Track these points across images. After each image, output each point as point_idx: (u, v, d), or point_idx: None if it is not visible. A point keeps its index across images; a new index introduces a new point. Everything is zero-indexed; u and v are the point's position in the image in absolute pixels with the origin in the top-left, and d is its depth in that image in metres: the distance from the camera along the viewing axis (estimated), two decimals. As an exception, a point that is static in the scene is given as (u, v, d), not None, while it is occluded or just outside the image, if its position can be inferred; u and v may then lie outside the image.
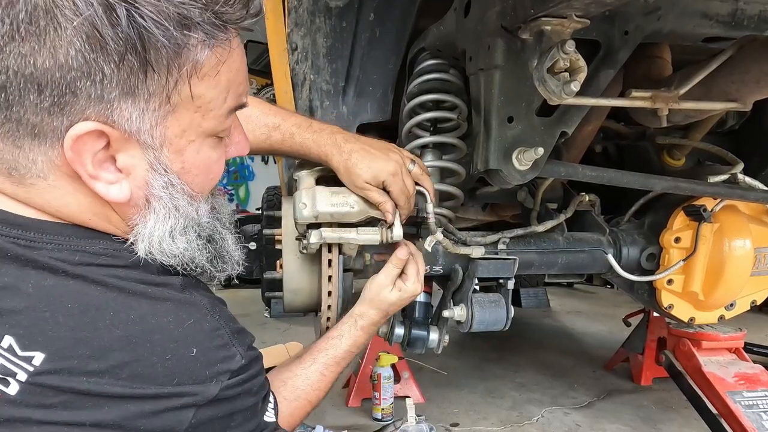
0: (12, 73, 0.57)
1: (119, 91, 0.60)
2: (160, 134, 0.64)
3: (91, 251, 0.66)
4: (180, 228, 0.71)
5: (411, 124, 1.41)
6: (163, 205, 0.68)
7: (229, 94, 0.68)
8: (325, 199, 1.14)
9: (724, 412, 1.68)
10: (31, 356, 0.60)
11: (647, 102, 1.15)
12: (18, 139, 0.61)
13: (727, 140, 1.89)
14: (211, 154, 0.71)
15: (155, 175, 0.66)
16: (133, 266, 0.68)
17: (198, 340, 0.69)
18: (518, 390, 2.55)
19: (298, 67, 1.51)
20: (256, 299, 4.24)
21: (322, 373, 1.04)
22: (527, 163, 1.16)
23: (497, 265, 1.40)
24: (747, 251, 1.58)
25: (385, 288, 1.13)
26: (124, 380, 0.63)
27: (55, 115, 0.59)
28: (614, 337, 3.27)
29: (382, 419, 2.20)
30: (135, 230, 0.69)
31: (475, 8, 1.15)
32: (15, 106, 0.58)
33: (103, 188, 0.64)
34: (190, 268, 0.74)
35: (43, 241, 0.64)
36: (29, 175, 0.63)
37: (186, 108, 0.65)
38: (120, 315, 0.64)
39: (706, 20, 1.13)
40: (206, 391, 0.68)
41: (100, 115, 0.60)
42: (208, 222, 0.76)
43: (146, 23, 0.57)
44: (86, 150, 0.61)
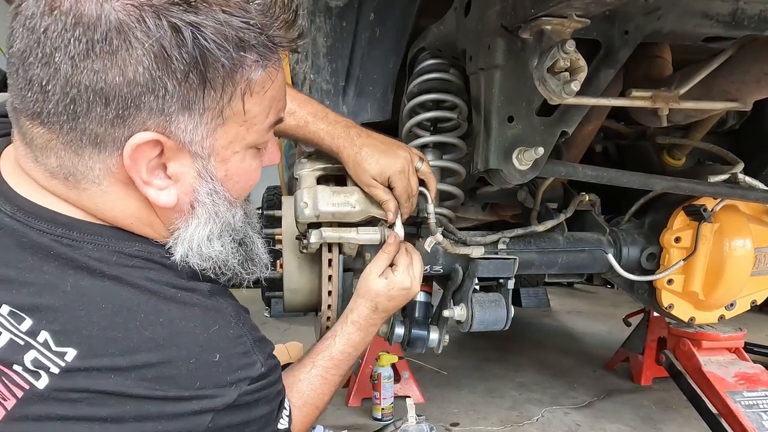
0: (83, 88, 0.61)
1: (178, 106, 0.64)
2: (209, 145, 0.69)
3: (127, 252, 0.70)
4: (217, 232, 0.75)
5: (411, 124, 1.41)
6: (206, 211, 0.73)
7: (271, 110, 0.73)
8: (327, 198, 1.14)
9: (724, 411, 1.68)
10: (64, 352, 0.63)
11: (647, 102, 1.15)
12: (79, 147, 0.65)
13: (727, 140, 1.89)
14: (251, 164, 0.76)
15: (202, 183, 0.71)
16: (166, 268, 0.71)
17: (222, 346, 0.71)
18: (518, 390, 2.55)
19: (298, 66, 1.52)
20: (256, 299, 4.24)
21: (323, 376, 1.04)
22: (527, 162, 1.16)
23: (497, 264, 1.40)
24: (747, 251, 1.58)
25: (371, 275, 1.10)
26: (149, 381, 0.65)
27: (117, 126, 0.63)
28: (614, 337, 3.27)
29: (382, 419, 2.20)
30: (176, 234, 0.73)
31: (475, 8, 1.15)
32: (81, 118, 0.62)
33: (154, 194, 0.68)
34: (221, 271, 0.77)
35: (84, 241, 0.68)
36: (85, 180, 0.67)
37: (234, 122, 0.69)
38: (150, 317, 0.67)
39: (706, 20, 1.13)
40: (225, 396, 0.70)
41: (158, 126, 0.65)
42: (241, 227, 0.80)
43: (209, 45, 0.62)
44: (142, 158, 0.66)
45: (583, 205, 1.65)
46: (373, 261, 1.13)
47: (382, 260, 1.12)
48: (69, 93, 0.61)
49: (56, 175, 0.67)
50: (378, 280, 1.10)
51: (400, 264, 1.12)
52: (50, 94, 0.61)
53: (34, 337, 0.63)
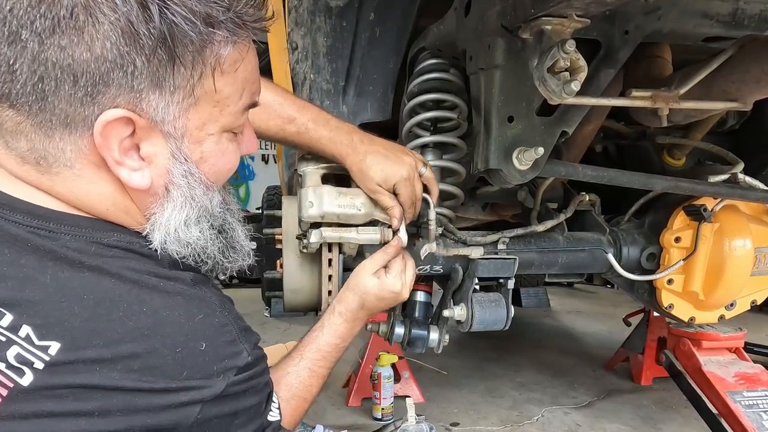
0: (51, 65, 0.60)
1: (148, 83, 0.64)
2: (182, 125, 0.68)
3: (106, 242, 0.68)
4: (194, 217, 0.74)
5: (411, 124, 1.41)
6: (181, 194, 0.72)
7: (244, 91, 0.73)
8: (333, 199, 1.14)
9: (724, 411, 1.68)
10: (47, 345, 0.61)
11: (647, 101, 1.15)
12: (50, 129, 0.64)
13: (727, 140, 1.89)
14: (227, 146, 0.75)
15: (176, 164, 0.70)
16: (147, 257, 0.70)
17: (207, 335, 0.70)
18: (518, 390, 2.55)
19: (298, 66, 1.52)
20: (256, 298, 4.24)
21: (311, 368, 1.03)
22: (527, 162, 1.16)
23: (497, 264, 1.40)
24: (747, 251, 1.58)
25: (365, 270, 1.10)
26: (135, 373, 0.64)
27: (86, 104, 0.62)
28: (614, 336, 3.27)
29: (382, 419, 2.20)
30: (152, 219, 0.72)
31: (475, 8, 1.15)
32: (50, 97, 0.61)
33: (127, 175, 0.67)
34: (201, 258, 0.76)
35: (61, 232, 0.66)
36: (57, 164, 0.66)
37: (207, 102, 0.69)
38: (133, 307, 0.66)
39: (706, 20, 1.13)
40: (213, 386, 0.69)
41: (129, 104, 0.64)
42: (219, 212, 0.78)
43: (176, 19, 0.62)
44: (113, 136, 0.65)
45: (583, 205, 1.65)
46: (370, 258, 1.12)
47: (378, 260, 1.12)
48: (36, 71, 0.60)
49: (27, 160, 0.66)
50: (370, 278, 1.10)
51: (393, 268, 1.12)
52: (17, 73, 0.60)
53: (16, 332, 0.62)
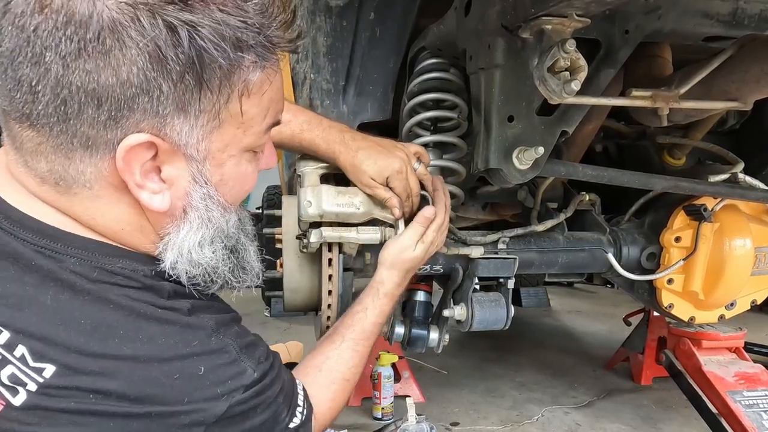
0: (75, 88, 0.59)
1: (173, 107, 0.63)
2: (204, 148, 0.67)
3: (109, 269, 0.67)
4: (209, 238, 0.73)
5: (411, 123, 1.41)
6: (199, 216, 0.71)
7: (269, 111, 0.72)
8: (331, 198, 1.14)
9: (724, 411, 1.68)
10: (42, 368, 0.60)
11: (647, 101, 1.15)
12: (70, 150, 0.63)
13: (727, 139, 1.89)
14: (247, 168, 0.74)
15: (196, 187, 0.69)
16: (146, 289, 0.69)
17: (204, 359, 0.69)
18: (518, 389, 2.55)
19: (298, 66, 1.51)
20: (256, 298, 4.24)
21: (354, 349, 1.03)
22: (527, 162, 1.16)
23: (497, 264, 1.40)
24: (747, 251, 1.58)
25: (409, 247, 1.11)
26: (132, 401, 0.63)
27: (110, 128, 0.62)
28: (614, 336, 3.26)
29: (382, 418, 2.20)
30: (166, 239, 0.71)
31: (475, 7, 1.15)
32: (72, 120, 0.61)
33: (147, 198, 0.67)
34: (211, 278, 0.75)
35: (67, 254, 0.65)
36: (76, 185, 0.65)
37: (231, 124, 0.68)
38: (129, 334, 0.65)
39: (706, 19, 1.13)
40: (214, 407, 0.68)
41: (152, 128, 0.63)
42: (234, 233, 0.78)
43: (206, 45, 0.60)
44: (136, 160, 0.64)
45: (583, 205, 1.65)
46: (408, 232, 1.12)
47: (418, 232, 1.12)
48: (60, 94, 0.59)
49: (47, 180, 0.65)
50: (416, 250, 1.11)
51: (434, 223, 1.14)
52: (40, 95, 0.59)
53: (11, 351, 0.60)
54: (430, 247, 1.13)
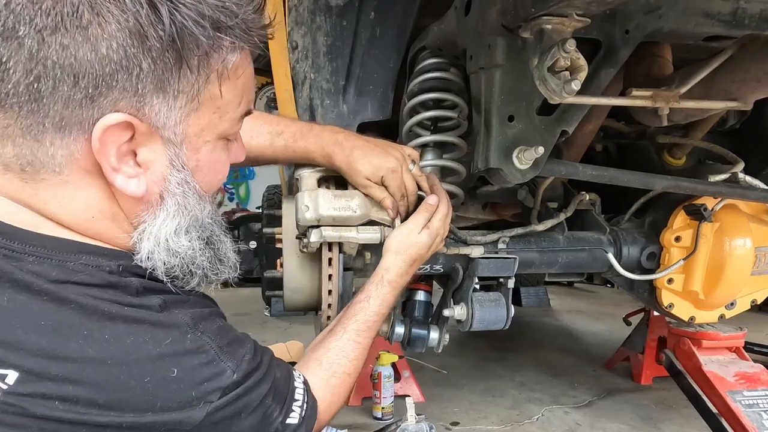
0: (50, 64, 0.57)
1: (152, 86, 0.62)
2: (182, 131, 0.66)
3: (70, 267, 0.63)
4: (185, 226, 0.71)
5: (411, 123, 1.41)
6: (176, 202, 0.69)
7: (243, 98, 0.72)
8: (328, 202, 1.14)
9: (724, 411, 1.68)
10: (4, 374, 0.57)
11: (648, 101, 1.15)
12: (41, 132, 0.61)
13: (727, 139, 1.89)
14: (221, 156, 0.74)
15: (173, 171, 0.68)
16: (110, 286, 0.65)
17: (178, 360, 0.65)
18: (518, 389, 2.55)
19: (298, 65, 1.51)
20: (256, 298, 4.24)
21: (356, 341, 1.01)
22: (528, 162, 1.16)
23: (497, 263, 1.40)
24: (747, 250, 1.58)
25: (414, 232, 1.11)
26: (100, 408, 0.60)
27: (85, 106, 0.60)
28: (615, 336, 3.26)
29: (382, 418, 2.20)
30: (141, 228, 0.69)
31: (475, 7, 1.15)
32: (46, 98, 0.59)
33: (123, 182, 0.65)
34: (189, 269, 0.73)
35: (25, 252, 0.62)
36: (44, 169, 0.63)
37: (208, 108, 0.68)
38: (94, 334, 0.61)
39: (707, 19, 1.13)
40: (191, 416, 0.65)
41: (130, 108, 0.62)
42: (209, 223, 0.76)
43: (186, 23, 0.60)
44: (112, 141, 0.62)
45: (584, 205, 1.65)
46: (413, 218, 1.13)
47: (423, 218, 1.12)
48: (33, 70, 0.57)
49: (11, 167, 0.62)
50: (421, 234, 1.11)
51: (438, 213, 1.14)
52: (11, 71, 0.57)
53: None
54: (435, 238, 1.13)
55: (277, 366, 0.83)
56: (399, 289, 1.11)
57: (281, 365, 0.85)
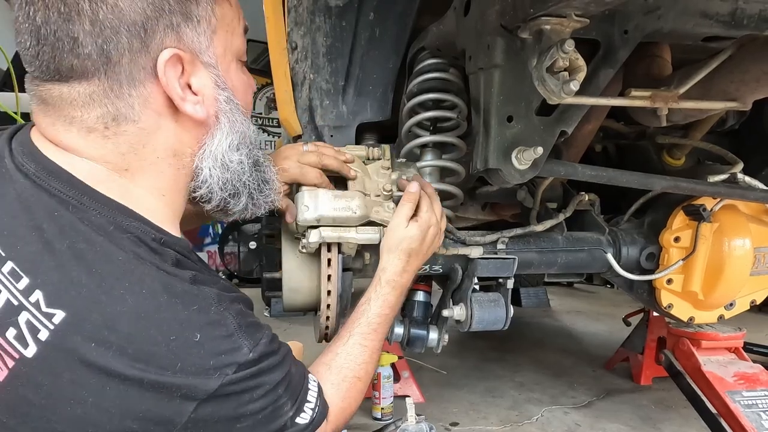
0: (108, 24, 0.67)
1: (181, 18, 0.72)
2: (213, 53, 0.77)
3: (124, 226, 0.71)
4: (236, 143, 0.81)
5: (411, 124, 1.41)
6: (228, 119, 0.79)
7: (239, 15, 0.82)
8: (328, 202, 1.14)
9: (723, 411, 1.68)
10: (53, 313, 0.63)
11: (647, 101, 1.15)
12: (119, 88, 0.70)
13: (727, 140, 1.89)
14: (243, 76, 0.84)
15: (219, 91, 0.78)
16: (153, 251, 0.72)
17: (202, 327, 0.70)
18: (518, 389, 2.55)
19: (297, 66, 1.51)
20: (256, 298, 4.24)
21: (362, 344, 1.01)
22: (527, 162, 1.16)
23: (497, 264, 1.40)
24: (746, 251, 1.58)
25: (401, 226, 1.10)
26: (128, 357, 0.64)
27: (143, 52, 0.70)
28: (614, 336, 3.26)
29: (381, 418, 2.20)
30: (201, 150, 0.79)
31: (474, 7, 1.15)
32: (114, 56, 0.69)
33: (191, 108, 0.75)
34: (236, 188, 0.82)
35: (90, 207, 0.69)
36: (125, 121, 0.72)
37: (221, 28, 0.77)
38: (135, 287, 0.67)
39: (705, 19, 1.13)
40: (206, 384, 0.68)
41: (173, 42, 0.72)
42: (255, 144, 0.86)
43: None
44: (172, 75, 0.72)
45: (583, 205, 1.65)
46: (397, 213, 1.12)
47: (407, 209, 1.12)
48: (99, 35, 0.67)
49: (95, 128, 0.71)
50: (410, 227, 1.10)
51: (422, 206, 1.14)
52: (83, 44, 0.67)
53: (28, 296, 0.64)
54: (428, 228, 1.12)
55: (293, 362, 0.84)
56: (401, 288, 1.10)
57: (298, 363, 0.86)
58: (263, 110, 5.82)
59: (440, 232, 1.18)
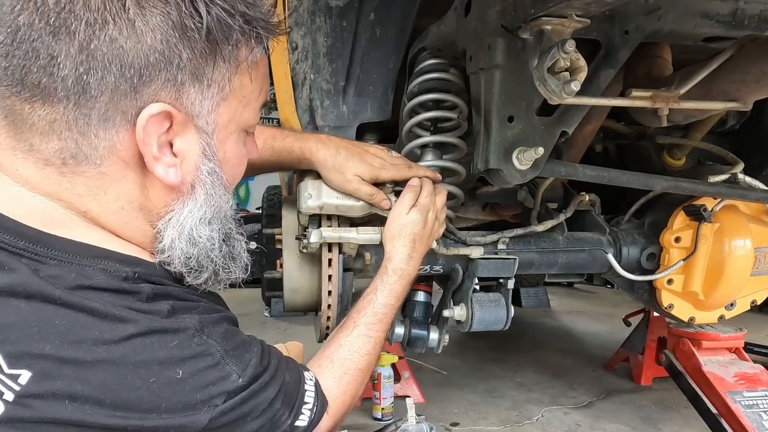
0: (99, 56, 0.60)
1: (189, 76, 0.65)
2: (213, 120, 0.70)
3: (88, 272, 0.65)
4: (209, 217, 0.74)
5: (411, 124, 1.41)
6: (205, 192, 0.72)
7: (261, 90, 0.76)
8: (331, 190, 1.15)
9: (724, 411, 1.68)
10: (17, 374, 0.58)
11: (647, 101, 1.15)
12: (87, 124, 0.63)
13: (727, 140, 1.89)
14: (242, 149, 0.78)
15: (205, 161, 0.71)
16: (123, 292, 0.66)
17: (183, 362, 0.66)
18: (518, 390, 2.55)
19: (298, 66, 1.51)
20: (256, 298, 4.24)
21: (367, 335, 1.00)
22: (527, 162, 1.16)
23: (497, 264, 1.40)
24: (747, 251, 1.58)
25: (403, 213, 1.11)
26: (108, 408, 0.61)
27: (129, 97, 0.63)
28: (614, 336, 3.26)
29: (382, 419, 2.20)
30: (169, 216, 0.72)
31: (475, 8, 1.15)
32: (93, 90, 0.61)
33: (163, 171, 0.68)
34: (203, 264, 0.75)
35: (46, 256, 0.63)
36: (85, 162, 0.65)
37: (235, 97, 0.71)
38: (104, 335, 0.62)
39: (706, 20, 1.13)
40: (196, 420, 0.66)
41: (169, 97, 0.65)
42: (230, 218, 0.79)
43: (221, 15, 0.64)
44: (153, 131, 0.65)
45: (583, 205, 1.65)
46: (399, 202, 1.14)
47: (409, 198, 1.14)
48: (83, 63, 0.60)
49: (52, 162, 0.64)
50: (410, 213, 1.12)
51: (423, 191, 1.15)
52: (60, 66, 0.59)
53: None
54: (427, 213, 1.13)
55: (286, 368, 0.83)
56: (408, 277, 1.10)
57: (291, 367, 0.85)
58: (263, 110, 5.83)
59: (440, 220, 1.19)
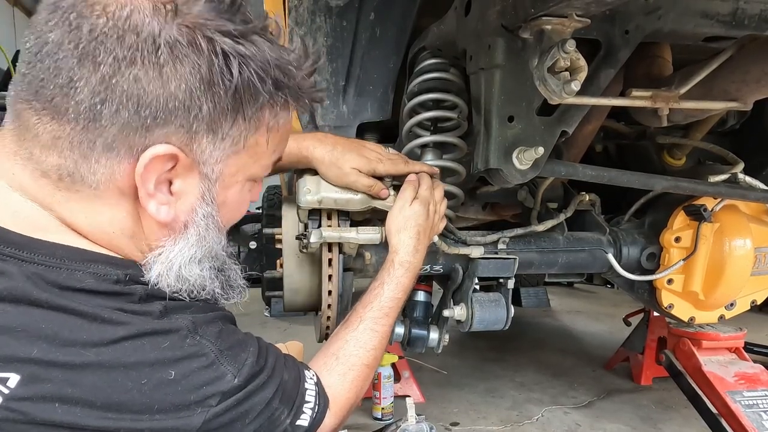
0: (119, 91, 0.60)
1: (205, 127, 0.66)
2: (219, 170, 0.70)
3: (78, 276, 0.64)
4: (199, 256, 0.73)
5: (411, 124, 1.41)
6: (197, 233, 0.72)
7: (278, 147, 0.77)
8: (330, 185, 1.15)
9: (724, 411, 1.68)
10: (6, 378, 0.57)
11: (648, 101, 1.15)
12: (89, 149, 0.63)
13: (727, 140, 1.89)
14: (245, 196, 0.78)
15: (202, 205, 0.71)
16: (114, 294, 0.66)
17: (175, 362, 0.66)
18: (518, 389, 2.55)
19: (298, 66, 1.51)
20: (256, 298, 4.24)
21: (373, 329, 0.99)
22: (527, 162, 1.16)
23: (497, 264, 1.40)
24: (747, 251, 1.58)
25: (405, 206, 1.13)
26: (99, 409, 0.60)
27: (139, 134, 0.63)
28: (614, 336, 3.27)
29: (382, 418, 2.20)
30: (158, 251, 0.71)
31: (475, 7, 1.15)
32: (104, 120, 0.61)
33: (155, 208, 0.68)
34: (196, 293, 0.74)
35: (35, 262, 0.63)
36: (82, 183, 0.65)
37: (247, 153, 0.72)
38: (93, 338, 0.61)
39: (706, 20, 1.13)
40: (189, 421, 0.65)
41: (180, 142, 0.65)
42: (222, 254, 0.78)
43: (253, 78, 0.65)
44: (155, 170, 0.65)
45: (583, 205, 1.65)
46: (400, 196, 1.15)
47: (409, 191, 1.15)
48: (100, 93, 0.60)
49: (48, 175, 0.64)
50: (413, 205, 1.13)
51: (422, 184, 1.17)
52: (78, 90, 0.60)
53: None
54: (428, 205, 1.14)
55: (285, 367, 0.82)
56: (414, 270, 1.09)
57: (290, 366, 0.84)
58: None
59: (440, 214, 1.20)
